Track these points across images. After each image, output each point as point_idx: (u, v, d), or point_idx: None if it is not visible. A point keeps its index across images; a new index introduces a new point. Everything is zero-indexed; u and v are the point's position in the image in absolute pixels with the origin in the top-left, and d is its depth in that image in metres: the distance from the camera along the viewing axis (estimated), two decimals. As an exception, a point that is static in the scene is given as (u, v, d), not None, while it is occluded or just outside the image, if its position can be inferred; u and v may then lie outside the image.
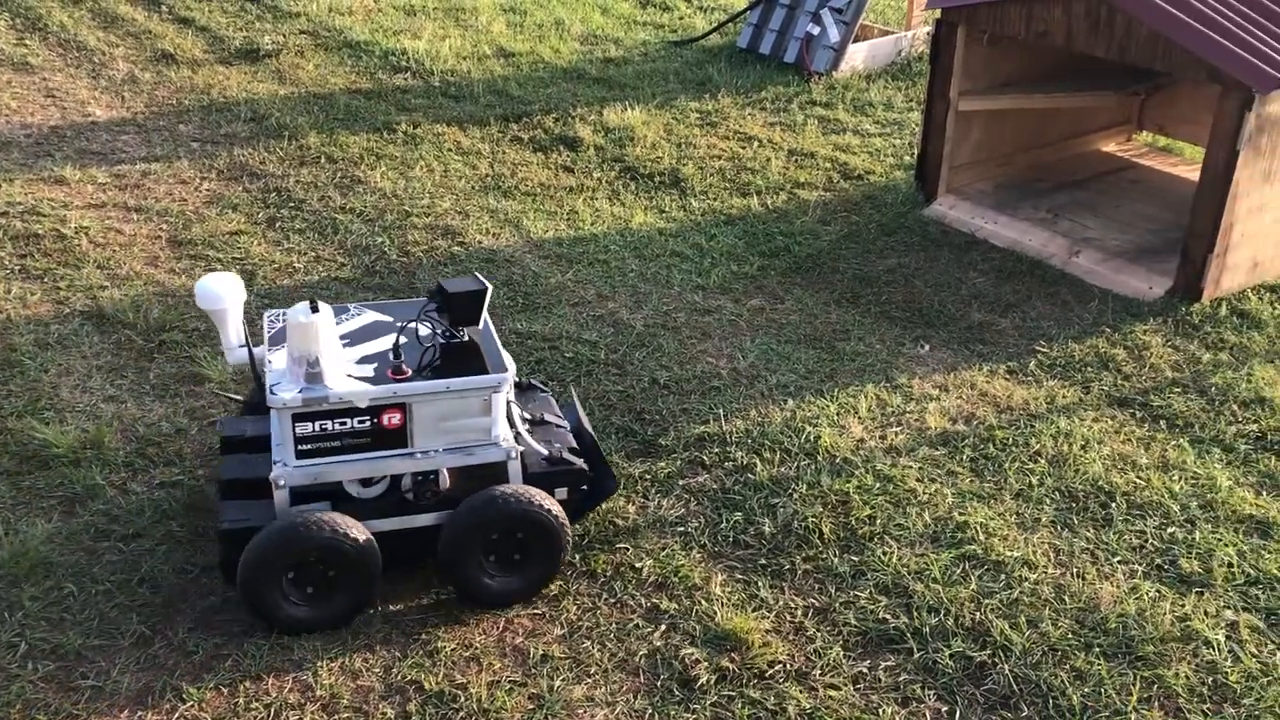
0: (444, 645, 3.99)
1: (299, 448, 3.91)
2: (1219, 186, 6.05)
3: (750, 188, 7.66)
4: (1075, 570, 4.40)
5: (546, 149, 8.17)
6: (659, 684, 3.88)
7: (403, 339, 4.05)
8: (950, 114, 7.22)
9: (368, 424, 3.93)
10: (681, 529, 4.56)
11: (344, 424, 3.90)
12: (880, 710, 3.81)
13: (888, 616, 4.16)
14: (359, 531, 3.91)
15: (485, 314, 4.17)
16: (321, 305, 3.84)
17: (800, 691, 3.86)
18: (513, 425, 4.22)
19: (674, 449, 5.01)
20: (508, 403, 4.17)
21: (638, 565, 4.37)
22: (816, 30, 9.83)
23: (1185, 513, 4.71)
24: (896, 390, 5.50)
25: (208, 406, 5.22)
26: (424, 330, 4.12)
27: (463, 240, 6.83)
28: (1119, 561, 4.45)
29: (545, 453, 4.25)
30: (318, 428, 3.88)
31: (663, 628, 4.10)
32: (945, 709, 3.83)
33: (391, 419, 3.95)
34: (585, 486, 4.32)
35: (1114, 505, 4.75)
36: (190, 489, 4.68)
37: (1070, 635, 4.09)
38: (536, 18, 11.17)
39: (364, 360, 4.02)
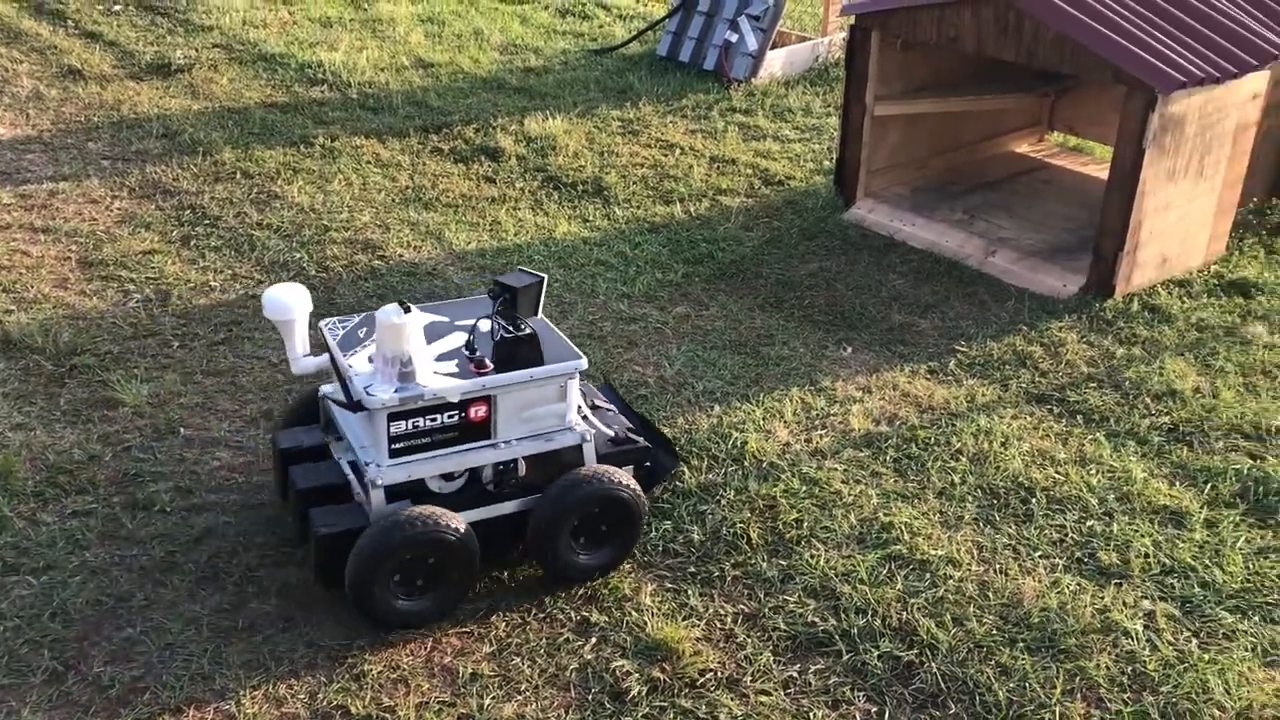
0: (371, 668, 3.93)
1: (391, 446, 3.95)
2: (1127, 185, 6.21)
3: (673, 195, 7.68)
4: (998, 566, 4.47)
5: (467, 160, 8.11)
6: (590, 698, 3.85)
7: (472, 335, 4.15)
8: (867, 119, 7.31)
9: (456, 418, 4.01)
10: (610, 540, 4.55)
11: (434, 420, 3.98)
12: (811, 714, 3.82)
13: (816, 620, 4.19)
14: (459, 523, 3.99)
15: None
16: (412, 306, 3.93)
17: (731, 699, 3.86)
18: (578, 410, 4.34)
19: (601, 459, 5.00)
20: None
21: (567, 578, 4.34)
22: (735, 37, 9.90)
23: (1103, 506, 4.81)
24: (821, 393, 5.55)
25: (122, 431, 5.08)
26: (487, 325, 4.19)
27: (383, 254, 6.75)
28: (1040, 556, 4.53)
29: (611, 434, 4.39)
30: (410, 425, 3.95)
31: (593, 641, 4.08)
32: (875, 710, 3.86)
33: (478, 412, 4.04)
34: (648, 464, 4.46)
35: (1034, 500, 4.83)
36: (104, 517, 4.55)
37: (995, 631, 4.15)
38: (455, 28, 11.10)
39: (441, 358, 4.09)
